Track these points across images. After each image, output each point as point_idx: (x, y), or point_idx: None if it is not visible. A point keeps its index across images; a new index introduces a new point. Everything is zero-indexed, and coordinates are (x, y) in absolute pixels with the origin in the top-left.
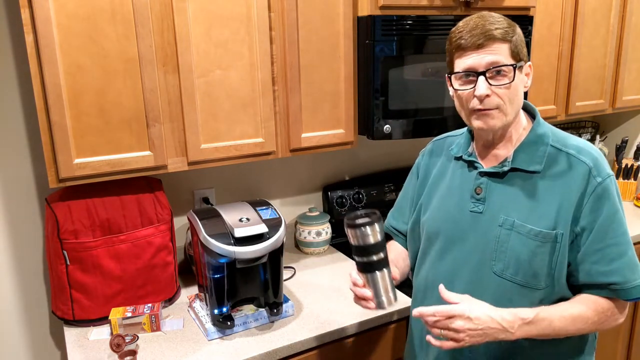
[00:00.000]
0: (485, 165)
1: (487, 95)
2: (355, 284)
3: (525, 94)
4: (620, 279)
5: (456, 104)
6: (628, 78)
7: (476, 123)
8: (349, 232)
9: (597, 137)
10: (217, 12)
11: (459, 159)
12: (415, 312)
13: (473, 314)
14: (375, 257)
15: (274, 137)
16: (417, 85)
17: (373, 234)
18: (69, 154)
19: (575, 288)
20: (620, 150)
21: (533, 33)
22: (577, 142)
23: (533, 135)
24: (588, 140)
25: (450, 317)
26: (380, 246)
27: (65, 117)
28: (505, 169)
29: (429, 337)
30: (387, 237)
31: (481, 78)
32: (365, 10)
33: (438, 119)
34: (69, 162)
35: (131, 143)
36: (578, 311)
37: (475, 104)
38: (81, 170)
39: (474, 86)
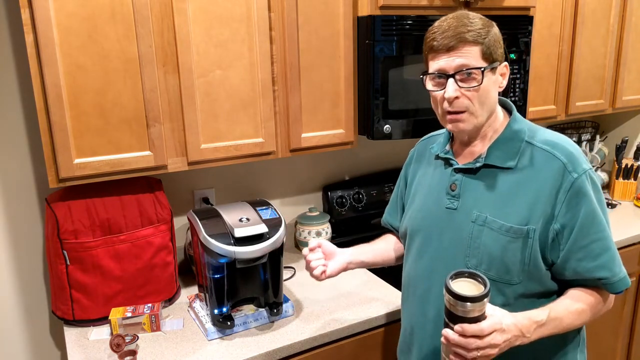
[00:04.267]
0: (461, 162)
1: (456, 98)
2: (308, 248)
3: (525, 93)
4: (607, 274)
5: (432, 103)
6: (628, 78)
7: (448, 125)
8: (449, 297)
9: (597, 137)
10: (217, 12)
11: (437, 157)
12: (444, 340)
13: (504, 324)
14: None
15: (274, 137)
16: (417, 86)
17: (472, 309)
18: (69, 154)
19: (563, 282)
20: (620, 150)
21: (533, 33)
22: (552, 137)
23: (508, 132)
24: (588, 140)
25: (487, 335)
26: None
27: (65, 117)
28: (479, 165)
29: None
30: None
31: (450, 80)
32: (365, 10)
33: (437, 119)
34: (69, 162)
35: (131, 143)
36: (579, 305)
37: (445, 106)
38: (81, 171)
39: (445, 88)
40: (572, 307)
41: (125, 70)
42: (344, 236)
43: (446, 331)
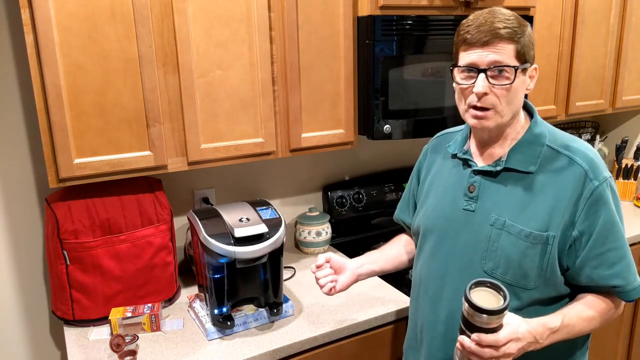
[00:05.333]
0: (480, 164)
1: (485, 94)
2: (315, 265)
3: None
4: (622, 282)
5: (456, 96)
6: (628, 78)
7: (471, 121)
8: (466, 304)
9: (597, 137)
10: (217, 12)
11: (454, 156)
12: (459, 346)
13: (520, 333)
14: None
15: (274, 137)
16: (417, 85)
17: (489, 322)
18: (69, 154)
19: (575, 286)
20: (620, 150)
21: (533, 33)
22: (574, 143)
23: (529, 135)
24: (588, 140)
25: (503, 345)
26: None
27: (65, 117)
28: (499, 168)
29: None
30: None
31: (481, 75)
32: (365, 10)
33: (438, 119)
34: (69, 162)
35: (131, 143)
36: (591, 312)
37: (473, 99)
38: (81, 170)
39: (474, 82)
40: (584, 313)
41: (125, 70)
42: (344, 236)
43: (462, 338)
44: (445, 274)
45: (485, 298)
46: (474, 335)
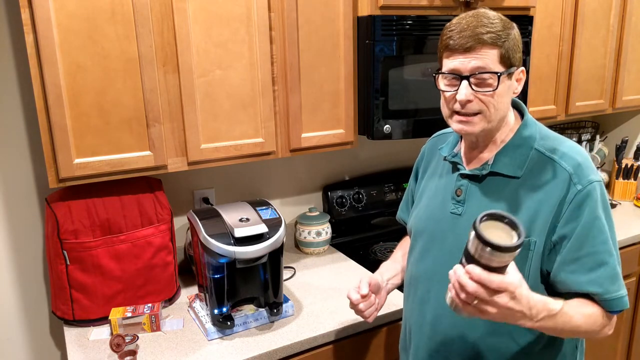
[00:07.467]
0: (468, 167)
1: (469, 101)
2: (360, 295)
3: (525, 93)
4: (599, 289)
5: (441, 101)
6: (628, 78)
7: (455, 126)
8: (473, 236)
9: (597, 137)
10: (217, 12)
11: (445, 159)
12: (452, 273)
13: (518, 292)
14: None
15: (274, 137)
16: (417, 85)
17: (498, 260)
18: (69, 154)
19: (557, 294)
20: (620, 150)
21: (533, 33)
22: (563, 146)
23: (518, 138)
24: (588, 140)
25: (495, 290)
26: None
27: (65, 117)
28: (485, 172)
29: (452, 300)
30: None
31: (464, 82)
32: (365, 10)
33: (438, 119)
34: (69, 162)
35: (131, 143)
36: (589, 309)
37: (456, 107)
38: (81, 170)
39: (457, 89)
40: (581, 308)
41: (125, 70)
42: (344, 236)
43: (457, 266)
44: (432, 277)
45: (495, 233)
46: (469, 266)
